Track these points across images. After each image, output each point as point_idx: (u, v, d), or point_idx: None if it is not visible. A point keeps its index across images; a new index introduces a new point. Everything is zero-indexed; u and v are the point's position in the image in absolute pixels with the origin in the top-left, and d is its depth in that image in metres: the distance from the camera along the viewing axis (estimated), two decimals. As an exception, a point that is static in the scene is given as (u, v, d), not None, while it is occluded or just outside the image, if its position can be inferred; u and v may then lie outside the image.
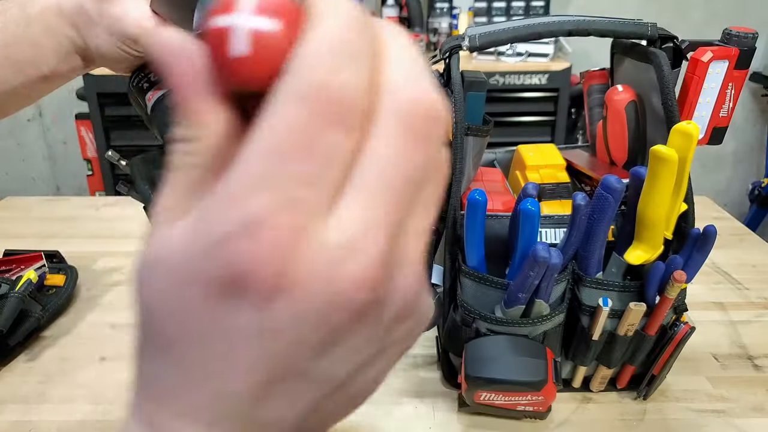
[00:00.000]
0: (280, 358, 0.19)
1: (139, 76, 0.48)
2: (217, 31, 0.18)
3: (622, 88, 0.74)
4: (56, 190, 3.16)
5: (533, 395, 0.67)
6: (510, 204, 0.72)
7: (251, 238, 0.17)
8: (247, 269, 0.18)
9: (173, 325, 0.20)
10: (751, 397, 0.77)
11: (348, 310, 0.19)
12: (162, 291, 0.20)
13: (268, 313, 0.18)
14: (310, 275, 0.18)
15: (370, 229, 0.18)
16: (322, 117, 0.17)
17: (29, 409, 0.75)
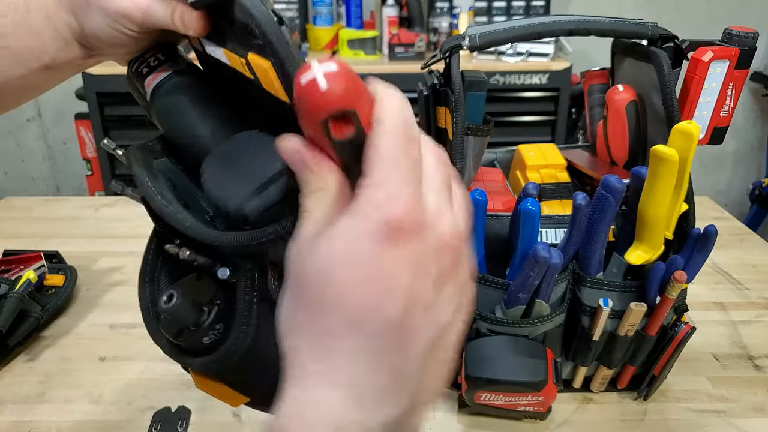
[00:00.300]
0: (419, 285, 0.29)
1: (138, 62, 0.46)
2: (307, 84, 0.27)
3: (623, 87, 0.73)
4: (56, 190, 3.15)
5: (533, 396, 0.67)
6: (510, 204, 0.72)
7: (392, 203, 0.28)
8: (393, 218, 0.28)
9: (349, 267, 0.28)
10: (752, 397, 0.77)
11: (449, 249, 0.30)
12: (340, 246, 0.28)
13: (411, 247, 0.28)
14: (427, 224, 0.29)
15: (443, 203, 0.31)
16: (410, 136, 0.30)
17: (29, 409, 0.75)
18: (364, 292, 0.28)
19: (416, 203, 0.29)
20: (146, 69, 0.45)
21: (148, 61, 0.46)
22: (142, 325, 0.92)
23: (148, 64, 0.45)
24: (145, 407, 0.75)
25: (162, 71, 0.45)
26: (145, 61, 0.46)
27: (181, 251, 0.39)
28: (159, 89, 0.44)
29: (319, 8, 2.59)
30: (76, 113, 2.64)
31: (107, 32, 0.44)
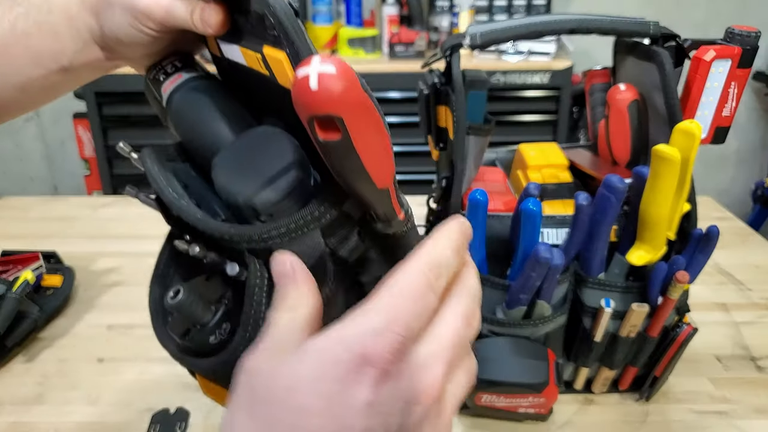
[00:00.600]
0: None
1: (155, 69, 0.47)
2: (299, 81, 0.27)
3: (625, 87, 0.73)
4: (54, 189, 3.15)
5: (535, 397, 0.67)
6: (511, 204, 0.72)
7: (378, 338, 0.28)
8: (372, 353, 0.27)
9: (308, 395, 0.27)
10: (754, 398, 0.76)
11: (422, 405, 0.29)
12: (306, 369, 0.28)
13: (378, 390, 0.28)
14: (406, 371, 0.29)
15: (438, 358, 0.30)
16: (428, 285, 0.30)
17: (27, 410, 0.75)
18: (319, 424, 0.27)
19: (400, 347, 0.28)
20: (163, 75, 0.46)
21: (165, 69, 0.46)
22: (141, 326, 0.92)
23: (165, 71, 0.46)
24: (144, 409, 0.75)
25: (178, 77, 0.45)
26: (162, 69, 0.46)
27: (191, 247, 0.39)
28: (175, 93, 0.44)
29: (319, 6, 2.59)
30: (74, 113, 2.64)
31: (128, 32, 0.44)
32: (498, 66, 2.35)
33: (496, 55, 2.42)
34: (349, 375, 0.27)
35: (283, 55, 0.36)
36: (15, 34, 0.46)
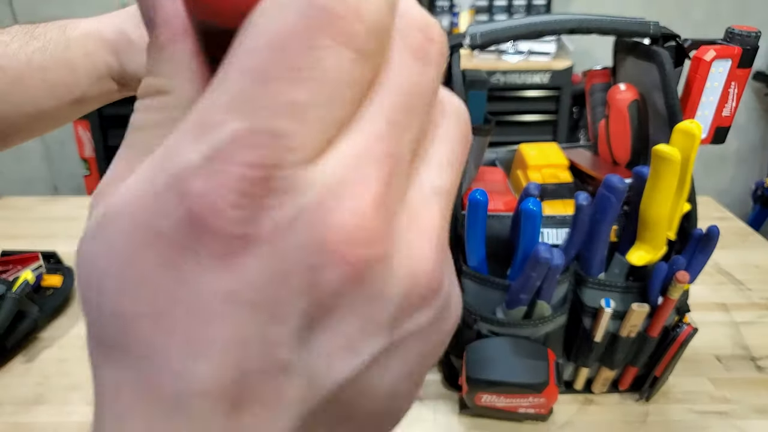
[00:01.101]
0: (255, 341, 0.15)
1: None
2: None
3: (625, 87, 0.73)
4: (54, 190, 3.15)
5: (535, 397, 0.66)
6: (511, 204, 0.72)
7: (213, 175, 0.14)
8: (204, 211, 0.14)
9: (129, 299, 0.15)
10: (754, 398, 0.76)
11: (336, 269, 0.15)
12: (114, 256, 0.15)
13: (235, 272, 0.14)
14: (286, 223, 0.14)
15: (363, 167, 0.15)
16: (325, 29, 0.14)
17: (27, 410, 0.75)
18: (149, 335, 0.15)
19: (267, 173, 0.14)
20: None
21: None
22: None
23: None
24: (144, 409, 0.74)
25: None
26: None
27: None
28: None
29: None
30: (75, 113, 2.63)
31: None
32: (498, 66, 2.35)
33: (496, 55, 2.41)
34: (179, 254, 0.14)
35: None
36: (31, 67, 0.48)
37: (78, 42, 0.48)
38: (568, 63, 2.35)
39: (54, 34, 0.49)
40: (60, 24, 0.50)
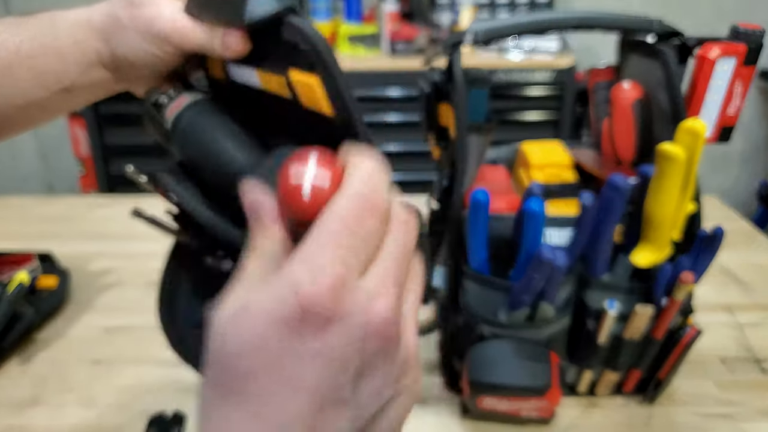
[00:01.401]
0: (331, 381, 0.27)
1: (157, 92, 0.48)
2: (293, 186, 0.29)
3: (629, 85, 0.72)
4: (49, 188, 3.15)
5: (537, 400, 0.66)
6: (514, 204, 0.71)
7: (314, 284, 0.26)
8: (310, 303, 0.26)
9: (254, 358, 0.27)
10: (759, 400, 0.76)
11: (376, 340, 0.28)
12: (249, 332, 0.27)
13: (324, 339, 0.26)
14: (352, 310, 0.27)
15: (387, 285, 0.29)
16: (366, 210, 0.29)
17: (22, 413, 0.74)
18: (266, 383, 0.27)
19: (341, 287, 0.26)
20: (166, 99, 0.47)
21: (167, 93, 0.47)
22: (137, 327, 0.92)
23: (168, 95, 0.47)
24: (140, 411, 0.74)
25: (183, 99, 0.46)
26: (164, 93, 0.47)
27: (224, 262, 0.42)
28: (182, 116, 0.46)
29: (317, 2, 2.58)
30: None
31: (141, 55, 0.46)
32: (500, 64, 2.34)
33: (499, 52, 2.41)
34: (291, 331, 0.26)
35: (314, 80, 0.38)
36: (19, 56, 0.48)
37: (67, 30, 0.48)
38: (571, 61, 2.34)
39: (43, 23, 0.48)
40: (50, 14, 0.49)
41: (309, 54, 0.37)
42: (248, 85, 0.45)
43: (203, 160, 0.45)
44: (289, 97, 0.41)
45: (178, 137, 0.46)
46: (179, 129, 0.46)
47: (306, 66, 0.38)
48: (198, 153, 0.45)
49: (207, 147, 0.45)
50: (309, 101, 0.40)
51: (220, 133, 0.45)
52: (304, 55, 0.38)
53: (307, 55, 0.37)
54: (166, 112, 0.46)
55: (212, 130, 0.45)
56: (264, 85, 0.43)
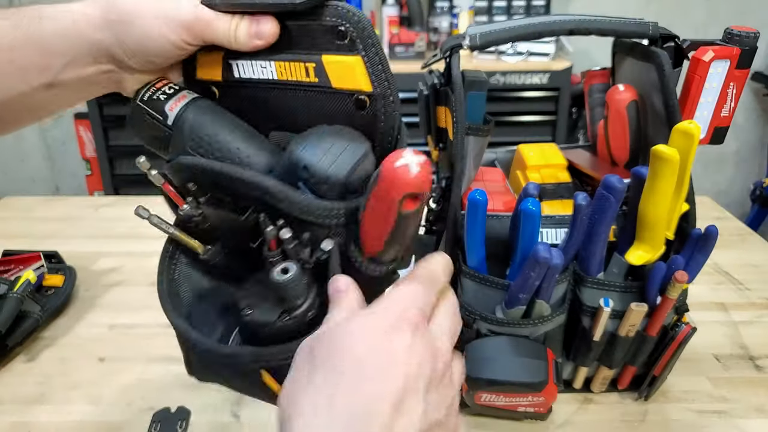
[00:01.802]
0: (413, 371, 0.35)
1: (150, 90, 0.47)
2: (401, 166, 0.36)
3: (624, 87, 0.73)
4: (55, 190, 3.15)
5: (534, 396, 0.67)
6: (511, 204, 0.72)
7: (407, 310, 0.38)
8: (406, 315, 0.37)
9: (366, 351, 0.36)
10: (753, 397, 0.77)
11: (441, 362, 0.38)
12: (360, 330, 0.37)
13: (413, 337, 0.37)
14: (428, 334, 0.38)
15: (445, 335, 0.40)
16: (434, 286, 0.42)
17: (28, 409, 0.75)
18: (373, 362, 0.35)
19: (422, 318, 0.38)
20: (164, 96, 0.47)
21: (162, 89, 0.47)
22: (142, 325, 0.92)
23: (164, 92, 0.47)
24: (145, 408, 0.75)
25: (183, 96, 0.47)
26: (159, 89, 0.47)
27: (283, 231, 0.42)
28: (187, 110, 0.46)
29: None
30: (75, 113, 2.64)
31: (158, 43, 0.45)
32: (497, 67, 2.35)
33: (496, 55, 2.42)
34: (392, 328, 0.36)
35: (356, 59, 0.41)
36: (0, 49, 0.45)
37: (54, 23, 0.45)
38: (567, 64, 2.35)
39: (29, 14, 0.46)
40: (38, 6, 0.46)
41: (352, 35, 0.40)
42: (255, 79, 0.46)
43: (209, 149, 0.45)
44: (314, 82, 0.43)
45: (184, 132, 0.45)
46: (185, 123, 0.45)
47: (345, 48, 0.41)
48: (205, 143, 0.45)
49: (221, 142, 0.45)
50: (343, 82, 0.42)
51: (231, 128, 0.46)
52: (343, 36, 0.41)
53: (350, 36, 0.40)
54: (166, 107, 0.46)
55: (223, 125, 0.46)
56: (280, 76, 0.44)
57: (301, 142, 0.43)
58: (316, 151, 0.42)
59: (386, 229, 0.41)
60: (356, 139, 0.44)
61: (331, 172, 0.41)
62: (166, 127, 0.46)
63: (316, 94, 0.44)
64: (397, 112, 0.44)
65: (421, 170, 0.36)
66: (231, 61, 0.46)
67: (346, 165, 0.42)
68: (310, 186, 0.42)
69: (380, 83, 0.43)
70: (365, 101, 0.43)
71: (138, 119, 0.47)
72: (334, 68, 0.42)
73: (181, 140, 0.46)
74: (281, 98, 0.46)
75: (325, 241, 0.43)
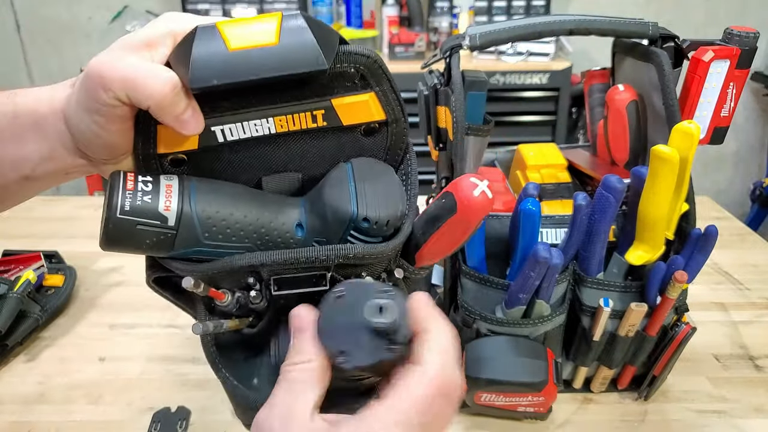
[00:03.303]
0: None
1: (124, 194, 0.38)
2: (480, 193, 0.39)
3: (623, 87, 0.73)
4: (55, 190, 3.15)
5: (534, 396, 0.67)
6: (511, 204, 0.72)
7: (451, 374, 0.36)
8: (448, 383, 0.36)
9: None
10: (753, 397, 0.77)
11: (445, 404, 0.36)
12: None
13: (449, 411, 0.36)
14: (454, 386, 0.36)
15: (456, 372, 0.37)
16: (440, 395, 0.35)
17: (28, 409, 0.75)
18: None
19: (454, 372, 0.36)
20: (147, 196, 0.39)
21: (138, 189, 0.39)
22: (142, 325, 0.92)
23: (142, 191, 0.39)
24: (145, 407, 0.75)
25: (169, 187, 0.40)
26: (135, 191, 0.39)
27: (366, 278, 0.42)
28: (186, 203, 0.39)
29: (319, 7, 2.59)
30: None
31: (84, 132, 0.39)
32: (497, 67, 2.35)
33: (496, 55, 2.42)
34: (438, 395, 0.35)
35: (369, 96, 0.41)
36: None
37: (27, 111, 0.40)
38: (567, 64, 2.35)
39: (1, 101, 0.41)
40: (11, 92, 0.42)
41: (364, 73, 0.40)
42: (246, 138, 0.41)
43: (238, 234, 0.41)
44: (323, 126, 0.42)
45: (194, 228, 0.40)
46: (192, 219, 0.39)
47: (358, 87, 0.41)
48: (229, 232, 0.40)
49: (240, 222, 0.41)
50: (354, 118, 0.42)
51: (241, 201, 0.41)
52: (354, 78, 0.40)
53: (362, 75, 0.40)
54: (159, 208, 0.39)
55: (231, 201, 0.41)
56: (280, 129, 0.41)
57: (342, 196, 0.41)
58: (367, 201, 0.40)
59: (455, 246, 0.43)
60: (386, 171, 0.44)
61: (391, 213, 0.41)
62: (167, 229, 0.39)
63: (323, 135, 0.42)
64: (407, 132, 0.45)
65: (492, 193, 0.38)
66: (213, 128, 0.40)
67: (396, 202, 0.42)
68: (371, 232, 0.41)
69: (393, 110, 0.43)
70: (376, 128, 0.43)
71: (126, 234, 0.39)
72: (345, 108, 0.41)
73: (191, 236, 0.40)
74: (276, 150, 0.42)
75: (397, 270, 0.44)
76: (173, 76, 0.36)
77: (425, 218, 0.43)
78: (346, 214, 0.40)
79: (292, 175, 0.45)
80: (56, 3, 2.79)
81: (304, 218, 0.42)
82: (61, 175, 0.43)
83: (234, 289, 0.43)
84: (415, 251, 0.44)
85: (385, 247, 0.41)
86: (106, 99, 0.37)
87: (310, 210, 0.42)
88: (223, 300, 0.42)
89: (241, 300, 0.42)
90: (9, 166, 0.42)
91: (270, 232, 0.42)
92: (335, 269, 0.41)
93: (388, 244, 0.41)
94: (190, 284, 0.38)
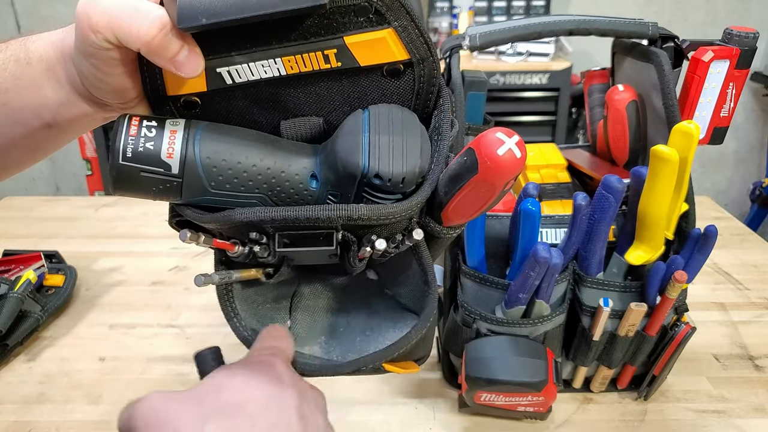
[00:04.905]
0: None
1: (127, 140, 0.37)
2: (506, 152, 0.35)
3: (623, 87, 0.73)
4: (56, 190, 3.16)
5: (534, 396, 0.67)
6: (510, 204, 0.72)
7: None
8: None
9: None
10: (752, 397, 0.77)
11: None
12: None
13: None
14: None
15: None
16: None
17: (29, 409, 0.75)
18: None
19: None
20: (149, 143, 0.37)
21: (141, 135, 0.37)
22: (142, 325, 0.92)
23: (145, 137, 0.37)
24: (145, 407, 0.75)
25: (173, 132, 0.38)
26: (138, 137, 0.37)
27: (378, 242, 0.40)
28: (190, 149, 0.38)
29: (319, 8, 2.58)
30: (76, 113, 2.63)
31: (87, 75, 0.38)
32: (497, 67, 2.35)
33: (496, 56, 2.42)
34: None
35: (387, 32, 0.37)
36: None
37: (39, 56, 0.40)
38: (567, 64, 2.35)
39: (14, 48, 0.40)
40: (23, 38, 0.41)
41: (379, 8, 0.37)
42: (255, 80, 0.39)
43: (247, 184, 0.39)
44: (337, 67, 0.38)
45: (198, 176, 0.38)
46: (196, 166, 0.38)
47: (373, 23, 0.37)
48: (238, 180, 0.39)
49: (249, 171, 0.39)
50: (372, 58, 0.38)
51: (252, 148, 0.39)
52: (368, 12, 0.36)
53: (376, 9, 0.37)
54: (162, 155, 0.37)
55: (241, 147, 0.39)
56: (290, 71, 0.39)
57: (353, 149, 0.38)
58: (380, 155, 0.38)
59: (481, 207, 0.39)
60: (408, 121, 0.40)
61: (407, 170, 0.38)
62: (172, 177, 0.38)
63: (339, 77, 0.39)
64: (437, 75, 0.41)
65: (522, 151, 0.34)
66: (218, 69, 0.38)
67: (415, 157, 0.38)
68: (386, 189, 0.38)
69: (417, 48, 0.39)
70: (400, 69, 0.40)
71: (131, 180, 0.38)
72: (360, 47, 0.38)
73: (198, 185, 0.39)
74: (292, 92, 0.40)
75: (416, 231, 0.40)
76: (162, 15, 0.34)
77: (447, 176, 0.39)
78: (357, 169, 0.38)
79: (314, 120, 0.42)
80: (56, 3, 2.79)
81: (318, 169, 0.40)
82: (84, 122, 0.43)
83: (246, 240, 0.41)
84: (439, 210, 0.41)
85: (395, 209, 0.38)
86: (96, 41, 0.35)
87: (324, 161, 0.40)
88: (234, 251, 0.41)
89: (254, 251, 0.41)
90: (30, 114, 0.41)
91: (282, 183, 0.40)
92: (345, 228, 0.39)
93: (397, 206, 0.38)
94: (186, 237, 0.38)
